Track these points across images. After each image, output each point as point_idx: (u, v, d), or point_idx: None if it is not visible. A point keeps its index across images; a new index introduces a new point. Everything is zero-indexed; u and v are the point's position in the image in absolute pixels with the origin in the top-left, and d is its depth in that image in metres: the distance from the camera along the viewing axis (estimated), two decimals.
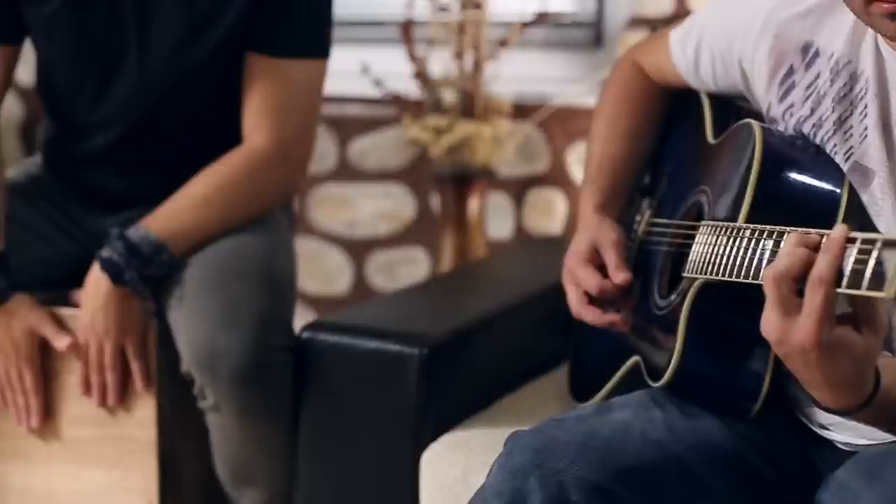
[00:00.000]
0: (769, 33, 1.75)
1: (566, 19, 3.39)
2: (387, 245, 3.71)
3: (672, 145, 2.03)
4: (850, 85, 1.65)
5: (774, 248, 1.46)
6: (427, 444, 2.07)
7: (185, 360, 2.13)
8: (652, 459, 1.63)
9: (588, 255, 1.91)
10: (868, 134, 1.61)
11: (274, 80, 2.29)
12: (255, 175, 2.29)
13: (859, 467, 1.45)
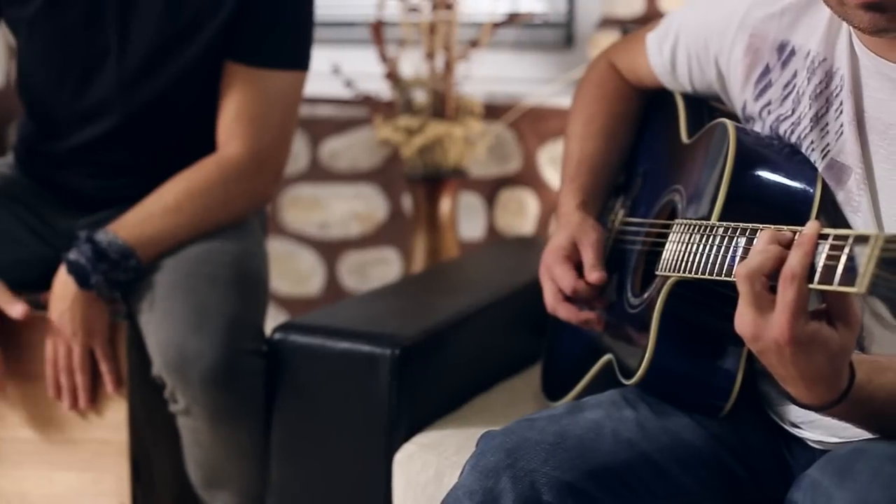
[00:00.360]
0: (745, 32, 1.77)
1: (537, 20, 3.40)
2: (359, 246, 3.70)
3: (646, 145, 2.03)
4: (825, 82, 1.66)
5: (747, 246, 1.47)
6: (400, 445, 2.06)
7: (156, 364, 2.13)
8: (624, 459, 1.63)
9: (567, 252, 1.90)
10: (843, 131, 1.62)
11: (252, 89, 2.29)
12: (228, 183, 2.28)
13: (831, 466, 1.45)
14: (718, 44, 1.82)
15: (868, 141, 1.60)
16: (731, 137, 1.67)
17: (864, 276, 1.22)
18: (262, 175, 2.33)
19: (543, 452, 1.60)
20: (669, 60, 1.94)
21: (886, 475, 1.38)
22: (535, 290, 2.32)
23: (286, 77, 2.33)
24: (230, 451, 2.21)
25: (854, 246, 1.27)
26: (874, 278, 1.20)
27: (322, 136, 3.68)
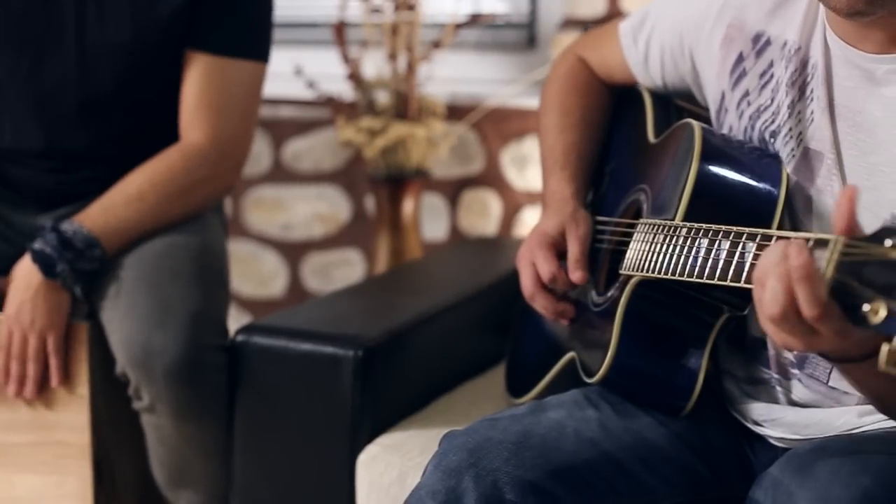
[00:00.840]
0: (723, 23, 1.78)
1: (499, 20, 3.40)
2: (322, 247, 3.70)
3: (614, 143, 2.04)
4: (799, 71, 1.68)
5: (709, 247, 1.48)
6: (363, 446, 2.06)
7: (120, 360, 2.12)
8: (586, 458, 1.64)
9: (552, 240, 1.88)
10: (815, 118, 1.64)
11: (213, 78, 2.30)
12: (191, 171, 2.28)
13: (791, 464, 1.46)
14: (695, 36, 1.84)
15: (837, 128, 1.62)
16: (697, 138, 1.68)
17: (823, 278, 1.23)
18: (224, 163, 2.33)
19: (506, 452, 1.61)
20: (643, 53, 1.95)
21: (846, 473, 1.39)
22: (499, 290, 2.34)
23: (246, 67, 2.34)
24: (194, 448, 2.21)
25: (814, 249, 1.27)
26: (832, 282, 1.21)
27: (284, 138, 3.67)
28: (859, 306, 1.15)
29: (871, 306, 1.14)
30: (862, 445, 1.45)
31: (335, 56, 3.28)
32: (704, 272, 1.49)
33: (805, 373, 1.64)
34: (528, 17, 3.44)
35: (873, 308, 1.14)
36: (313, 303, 2.67)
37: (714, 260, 1.48)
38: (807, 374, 1.64)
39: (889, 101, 1.57)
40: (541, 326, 2.01)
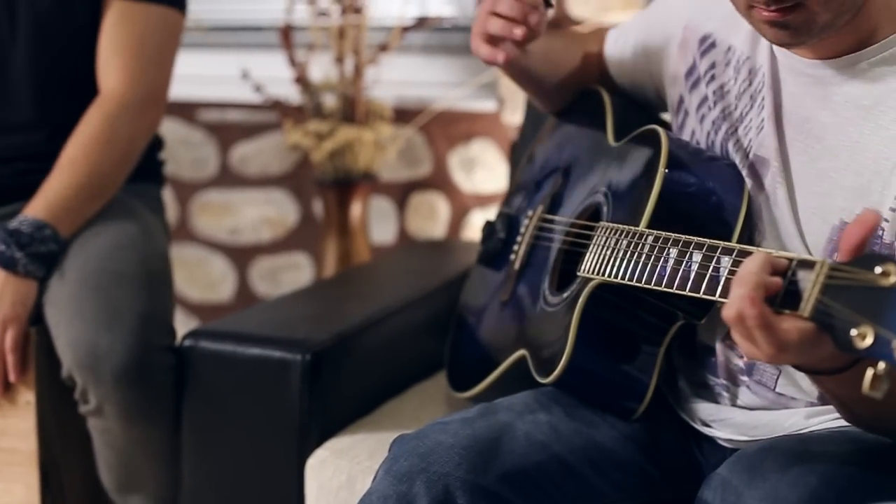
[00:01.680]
0: (681, 26, 1.83)
1: (446, 23, 3.40)
2: (270, 251, 3.69)
3: (570, 144, 2.04)
4: (749, 80, 1.71)
5: (679, 258, 1.48)
6: (312, 450, 2.06)
7: (67, 363, 2.11)
8: (537, 461, 1.64)
9: None
10: (764, 126, 1.66)
11: (126, 22, 2.32)
12: (113, 121, 2.29)
13: (740, 464, 1.47)
14: (661, 39, 1.88)
15: (785, 135, 1.64)
16: (664, 145, 1.69)
17: (808, 301, 1.23)
18: (143, 106, 2.34)
19: (457, 456, 1.61)
20: (619, 54, 1.99)
21: (795, 473, 1.40)
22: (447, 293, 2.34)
23: (161, 12, 2.35)
24: (142, 451, 2.20)
25: (797, 270, 1.27)
26: (818, 304, 1.22)
27: (232, 142, 3.66)
28: (847, 331, 1.16)
29: (859, 331, 1.15)
30: (810, 446, 1.46)
31: (282, 60, 3.27)
32: (674, 283, 1.48)
33: (753, 379, 1.65)
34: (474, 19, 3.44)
35: (860, 333, 1.14)
36: (261, 307, 2.66)
37: (685, 271, 1.47)
38: (755, 381, 1.65)
39: (837, 106, 1.58)
40: (487, 322, 2.02)
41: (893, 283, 1.14)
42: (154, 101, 2.37)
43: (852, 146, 1.56)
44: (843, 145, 1.57)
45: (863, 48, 1.56)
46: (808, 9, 1.49)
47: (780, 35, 1.54)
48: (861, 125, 1.55)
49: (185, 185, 3.67)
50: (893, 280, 1.14)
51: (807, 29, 1.51)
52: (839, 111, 1.58)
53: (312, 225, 3.60)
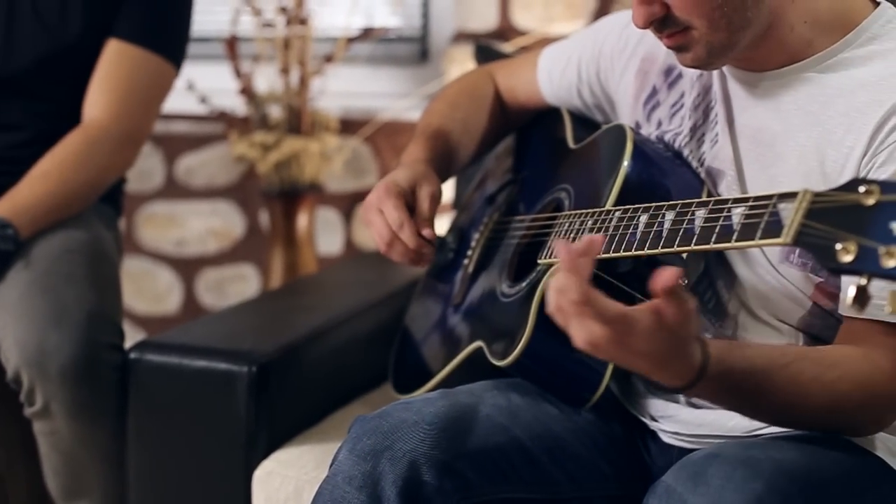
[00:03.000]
0: (637, 57, 1.85)
1: (392, 34, 3.41)
2: (216, 263, 3.68)
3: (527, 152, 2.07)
4: (702, 95, 1.74)
5: (650, 221, 1.50)
6: (259, 462, 2.05)
7: (14, 362, 2.10)
8: (497, 442, 1.65)
9: (402, 191, 1.84)
10: (719, 139, 1.69)
11: (121, 62, 2.37)
12: (91, 146, 2.33)
13: (684, 471, 1.47)
14: (610, 67, 1.90)
15: (739, 146, 1.67)
16: (628, 137, 1.72)
17: (790, 226, 1.26)
18: (124, 141, 2.39)
19: (421, 433, 1.61)
20: (557, 82, 2.01)
21: (738, 479, 1.41)
22: (393, 303, 2.33)
23: (155, 61, 2.40)
24: (89, 451, 2.19)
25: (778, 203, 1.31)
26: (801, 227, 1.24)
27: (177, 153, 3.65)
28: (831, 247, 1.18)
29: (843, 245, 1.17)
30: (754, 451, 1.47)
31: (227, 71, 3.27)
32: (646, 244, 1.50)
33: None
34: (420, 30, 3.45)
35: (845, 247, 1.17)
36: (207, 319, 2.65)
37: (657, 231, 1.49)
38: None
39: (787, 114, 1.62)
40: (437, 327, 2.02)
41: (877, 200, 1.17)
42: (134, 140, 2.42)
43: (801, 151, 1.59)
44: (792, 151, 1.60)
45: (801, 58, 1.60)
46: (697, 32, 1.55)
47: (686, 59, 1.61)
48: (809, 130, 1.58)
49: (131, 198, 3.65)
50: (876, 198, 1.17)
51: (706, 52, 1.57)
52: (788, 118, 1.61)
53: (259, 236, 3.59)
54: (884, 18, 1.59)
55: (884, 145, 1.51)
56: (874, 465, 1.58)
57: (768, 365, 1.48)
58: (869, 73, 1.56)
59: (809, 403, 1.49)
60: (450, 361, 1.93)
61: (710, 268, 1.68)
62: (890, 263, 1.13)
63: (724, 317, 1.68)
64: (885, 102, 1.52)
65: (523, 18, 3.20)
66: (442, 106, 2.08)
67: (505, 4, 3.23)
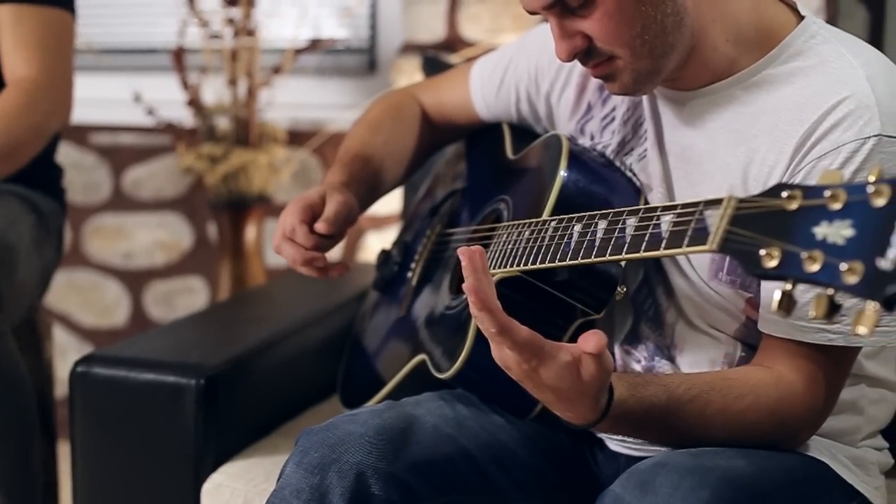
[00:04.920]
0: (575, 73, 1.85)
1: (339, 46, 3.41)
2: (164, 275, 3.66)
3: (468, 163, 2.06)
4: (632, 110, 1.75)
5: (583, 230, 1.51)
6: (208, 475, 2.04)
7: None
8: (444, 453, 1.65)
9: (311, 202, 1.86)
10: (647, 154, 1.71)
11: (24, 22, 2.38)
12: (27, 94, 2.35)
13: (632, 480, 1.48)
14: (549, 84, 1.90)
15: (668, 163, 1.68)
16: (564, 147, 1.73)
17: (715, 233, 1.27)
18: (56, 89, 2.40)
19: (368, 444, 1.61)
20: (494, 96, 2.00)
21: (686, 488, 1.42)
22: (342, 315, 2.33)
23: (53, 13, 2.42)
24: None
25: (705, 210, 1.32)
26: (726, 234, 1.25)
27: (125, 165, 3.64)
28: (756, 253, 1.19)
29: (767, 251, 1.18)
30: (702, 460, 1.47)
31: (175, 82, 3.26)
32: (579, 254, 1.51)
33: None
34: (367, 42, 3.46)
35: (769, 253, 1.18)
36: (155, 332, 2.64)
37: (590, 241, 1.50)
38: None
39: (713, 132, 1.63)
40: (383, 340, 2.02)
41: (800, 205, 1.18)
42: (63, 89, 2.43)
43: (726, 169, 1.60)
44: (718, 168, 1.61)
45: (727, 75, 1.61)
46: (621, 61, 1.57)
47: (613, 88, 1.62)
48: (734, 148, 1.60)
49: (78, 210, 3.64)
50: (798, 203, 1.18)
51: (632, 80, 1.59)
52: (714, 137, 1.62)
53: (207, 248, 3.58)
54: (807, 34, 1.59)
55: (802, 164, 1.52)
56: (823, 473, 1.59)
57: (673, 402, 1.51)
58: (792, 92, 1.56)
59: (713, 433, 1.53)
60: (395, 375, 1.93)
61: (650, 276, 1.70)
62: (813, 268, 1.13)
63: (662, 325, 1.69)
64: (805, 122, 1.53)
65: (471, 30, 3.21)
66: (362, 130, 2.07)
67: (452, 16, 3.24)
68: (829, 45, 1.58)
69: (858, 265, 1.10)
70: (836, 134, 1.50)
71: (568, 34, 1.57)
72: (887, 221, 1.09)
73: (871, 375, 1.68)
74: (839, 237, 1.12)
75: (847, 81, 1.53)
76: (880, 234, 1.09)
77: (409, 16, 3.29)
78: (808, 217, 1.16)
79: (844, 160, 1.49)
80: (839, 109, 1.51)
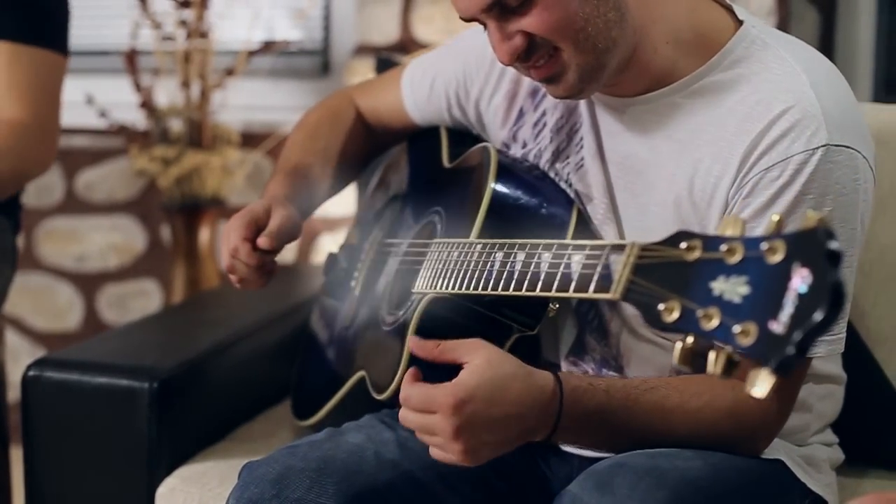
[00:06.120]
0: (506, 78, 1.83)
1: (293, 48, 3.41)
2: (118, 278, 3.65)
3: (409, 168, 2.05)
4: (566, 117, 1.73)
5: (504, 259, 1.51)
6: (162, 479, 2.03)
7: None
8: (387, 479, 1.65)
9: (256, 215, 1.83)
10: (585, 164, 1.69)
11: (18, 62, 2.35)
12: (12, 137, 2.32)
13: (590, 480, 1.48)
14: (479, 90, 1.88)
15: (609, 172, 1.67)
16: (493, 160, 1.71)
17: (618, 282, 1.26)
18: (42, 134, 2.38)
19: (307, 479, 1.60)
20: (424, 99, 1.98)
21: (644, 489, 1.42)
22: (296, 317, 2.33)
23: (47, 56, 2.38)
24: None
25: (611, 255, 1.31)
26: (629, 284, 1.24)
27: (77, 168, 3.62)
28: (655, 306, 1.18)
29: (666, 306, 1.17)
30: (659, 461, 1.48)
31: (127, 84, 3.24)
32: (499, 285, 1.52)
33: None
34: (321, 43, 3.45)
35: (668, 307, 1.17)
36: (109, 335, 2.63)
37: (509, 272, 1.50)
38: None
39: (655, 141, 1.62)
40: (330, 349, 2.01)
41: (697, 257, 1.16)
42: (50, 133, 2.40)
43: (670, 179, 1.59)
44: (662, 179, 1.60)
45: (668, 82, 1.60)
46: (565, 54, 1.54)
47: (558, 90, 1.59)
48: (678, 159, 1.59)
49: (30, 213, 3.61)
50: (697, 254, 1.16)
51: (577, 77, 1.56)
52: (657, 146, 1.62)
53: (160, 251, 3.57)
54: (747, 40, 1.59)
55: (749, 175, 1.52)
56: (781, 474, 1.60)
57: (631, 390, 1.53)
58: (736, 100, 1.56)
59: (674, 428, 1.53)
60: (339, 389, 1.93)
61: None
62: (709, 326, 1.12)
63: (607, 336, 1.69)
64: (751, 132, 1.52)
65: (424, 31, 3.21)
66: (302, 137, 2.05)
67: (406, 17, 3.24)
68: (771, 50, 1.58)
69: (752, 327, 1.08)
70: (784, 145, 1.50)
71: (508, 35, 1.55)
72: (781, 280, 1.07)
73: (818, 373, 1.69)
74: (735, 294, 1.11)
75: (791, 89, 1.53)
76: (774, 293, 1.07)
77: (363, 17, 3.28)
78: (706, 270, 1.15)
79: (793, 172, 1.50)
80: (785, 119, 1.51)
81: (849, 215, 1.53)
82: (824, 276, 1.04)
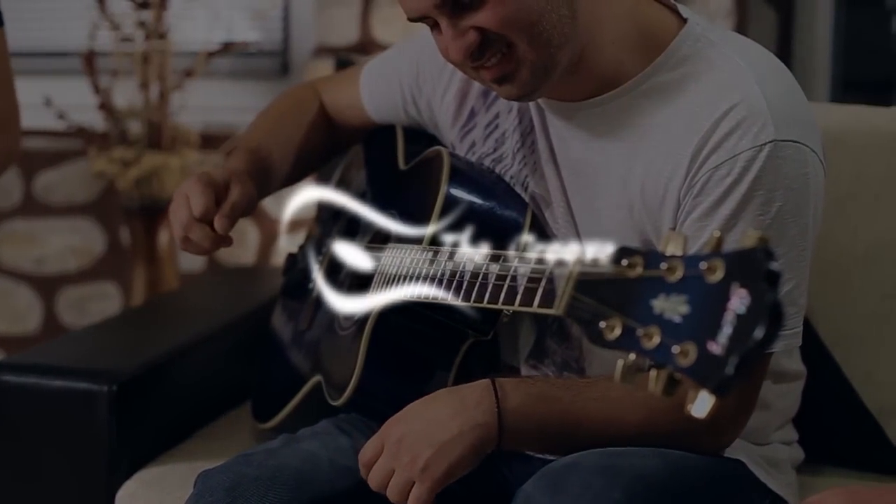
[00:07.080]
0: (457, 76, 1.82)
1: (252, 49, 3.40)
2: (77, 281, 3.63)
3: (367, 172, 2.05)
4: (519, 119, 1.72)
5: (454, 269, 1.50)
6: (122, 483, 2.02)
7: None
8: (343, 486, 1.64)
9: (215, 182, 1.79)
10: (540, 168, 1.69)
11: None
12: None
13: (544, 480, 1.48)
14: (431, 88, 1.87)
15: (563, 177, 1.67)
16: (446, 164, 1.71)
17: (561, 297, 1.25)
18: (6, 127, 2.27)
19: (262, 487, 1.60)
20: (381, 97, 1.98)
21: (598, 488, 1.42)
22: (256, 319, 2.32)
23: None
24: None
25: (555, 269, 1.31)
26: (571, 300, 1.23)
27: (35, 170, 3.60)
28: (597, 323, 1.17)
29: (608, 323, 1.16)
30: (614, 460, 1.47)
31: (85, 86, 3.23)
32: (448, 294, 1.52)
33: None
34: (280, 44, 3.45)
35: (609, 325, 1.16)
36: (67, 338, 2.62)
37: (458, 282, 1.51)
38: None
39: (602, 145, 1.62)
40: (288, 352, 2.01)
41: (639, 274, 1.15)
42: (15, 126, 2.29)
43: (622, 183, 1.59)
44: (614, 183, 1.60)
45: (615, 85, 1.59)
46: (520, 50, 1.52)
47: (510, 90, 1.57)
48: (628, 162, 1.59)
49: None
50: (639, 271, 1.15)
51: (531, 73, 1.54)
52: (607, 149, 1.61)
53: (120, 253, 3.55)
54: (692, 38, 1.58)
55: (699, 174, 1.52)
56: (738, 472, 1.60)
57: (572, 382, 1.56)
58: (683, 100, 1.56)
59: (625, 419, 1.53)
60: (296, 393, 1.92)
61: None
62: (649, 345, 1.10)
63: (568, 338, 1.69)
64: (699, 130, 1.52)
65: (383, 32, 3.21)
66: (267, 122, 2.03)
67: (365, 19, 3.24)
68: (716, 48, 1.57)
69: (691, 347, 1.07)
70: (732, 142, 1.50)
71: (460, 32, 1.53)
72: (720, 300, 1.06)
73: (777, 371, 1.69)
74: (675, 313, 1.10)
75: (737, 86, 1.53)
76: (713, 313, 1.06)
77: (322, 18, 3.28)
78: (647, 288, 1.13)
79: (742, 169, 1.50)
80: (731, 116, 1.51)
81: (800, 209, 1.53)
82: (762, 296, 1.04)
